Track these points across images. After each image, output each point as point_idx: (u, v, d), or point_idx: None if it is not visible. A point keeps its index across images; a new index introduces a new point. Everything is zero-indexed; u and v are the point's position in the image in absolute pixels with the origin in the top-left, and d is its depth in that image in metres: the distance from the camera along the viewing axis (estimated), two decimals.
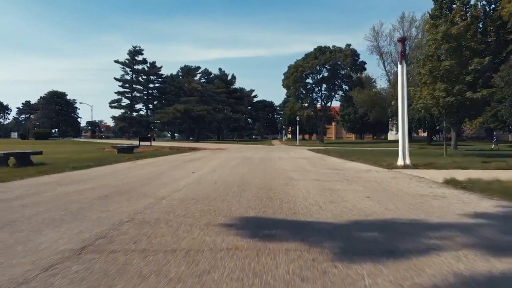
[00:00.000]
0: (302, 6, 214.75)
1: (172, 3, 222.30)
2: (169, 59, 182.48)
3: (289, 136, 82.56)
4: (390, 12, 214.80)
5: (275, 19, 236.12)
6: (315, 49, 51.44)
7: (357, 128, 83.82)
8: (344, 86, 52.19)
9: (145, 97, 73.52)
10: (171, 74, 77.81)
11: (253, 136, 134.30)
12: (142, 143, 27.74)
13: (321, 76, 51.95)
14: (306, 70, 49.83)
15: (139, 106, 73.60)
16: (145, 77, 73.61)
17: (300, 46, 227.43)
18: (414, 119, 38.68)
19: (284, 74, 53.06)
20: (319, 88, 52.85)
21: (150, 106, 75.90)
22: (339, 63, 49.76)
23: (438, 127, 41.65)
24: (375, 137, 76.63)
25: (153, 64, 73.85)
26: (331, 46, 51.77)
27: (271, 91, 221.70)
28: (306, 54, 51.72)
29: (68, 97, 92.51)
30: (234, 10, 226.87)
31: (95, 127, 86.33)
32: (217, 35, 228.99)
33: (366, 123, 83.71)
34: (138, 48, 69.12)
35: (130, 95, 69.29)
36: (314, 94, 53.32)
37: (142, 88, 73.23)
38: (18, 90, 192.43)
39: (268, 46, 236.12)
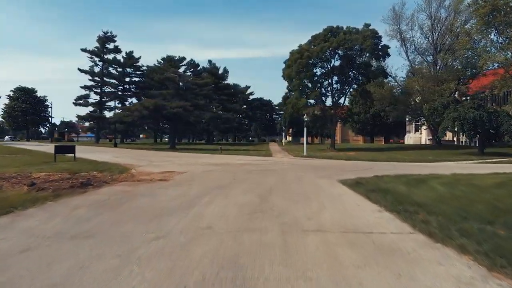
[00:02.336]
0: (303, 5, 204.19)
1: (170, 3, 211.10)
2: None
3: (289, 138, 71.24)
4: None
5: (275, 19, 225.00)
6: (324, 29, 40.31)
7: (367, 129, 72.74)
8: (360, 78, 41.09)
9: (120, 93, 62.17)
10: (153, 65, 66.51)
11: (250, 138, 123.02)
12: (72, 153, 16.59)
13: (331, 64, 40.90)
14: (313, 56, 38.71)
15: (113, 103, 62.30)
16: (120, 69, 62.37)
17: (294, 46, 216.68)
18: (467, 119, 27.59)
19: (284, 62, 41.99)
20: (329, 80, 41.75)
21: (127, 103, 64.61)
22: (356, 47, 38.65)
23: None
24: (391, 140, 65.57)
25: (129, 54, 62.57)
26: (344, 27, 40.71)
27: (270, 91, 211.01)
28: (313, 36, 40.59)
29: (38, 94, 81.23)
30: (234, 10, 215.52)
31: (65, 128, 74.92)
32: (215, 35, 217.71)
33: (379, 124, 73.02)
34: (109, 34, 57.80)
35: (100, 90, 57.94)
36: (322, 88, 42.22)
37: (116, 82, 61.93)
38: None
39: (267, 46, 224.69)
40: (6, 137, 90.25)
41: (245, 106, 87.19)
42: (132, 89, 64.43)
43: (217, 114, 58.29)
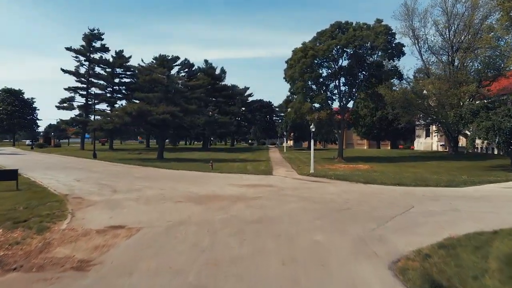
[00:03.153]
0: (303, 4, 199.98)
1: (170, 3, 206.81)
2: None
3: (290, 142, 66.73)
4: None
5: (275, 18, 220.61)
6: (332, 25, 35.84)
7: (374, 134, 68.21)
8: (371, 79, 36.59)
9: (109, 95, 57.71)
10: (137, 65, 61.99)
11: (249, 141, 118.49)
12: None
13: (339, 64, 36.44)
14: (319, 55, 34.27)
15: (102, 106, 57.83)
16: (109, 69, 57.96)
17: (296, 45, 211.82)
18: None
19: (286, 62, 37.54)
20: (337, 81, 37.31)
21: (117, 106, 60.13)
22: (367, 44, 34.21)
23: None
24: (400, 146, 61.07)
25: (119, 53, 58.15)
26: (353, 22, 36.26)
27: (271, 92, 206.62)
28: (319, 33, 36.11)
29: (25, 96, 76.86)
30: (234, 9, 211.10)
31: (51, 132, 70.41)
32: (215, 35, 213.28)
33: (386, 128, 68.55)
34: (96, 31, 53.34)
35: (85, 92, 53.46)
36: (328, 90, 37.76)
37: (104, 83, 57.50)
38: None
39: (267, 46, 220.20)
40: None
41: (244, 109, 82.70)
42: (123, 91, 60.03)
43: (213, 118, 53.81)
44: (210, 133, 54.53)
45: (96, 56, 53.95)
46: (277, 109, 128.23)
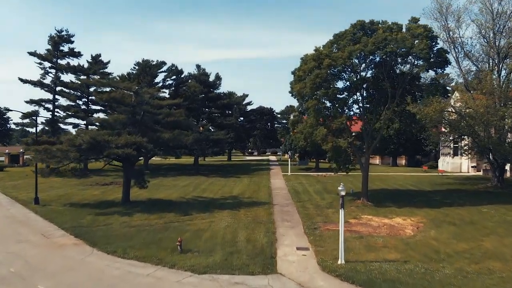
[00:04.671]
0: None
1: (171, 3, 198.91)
2: (169, 60, 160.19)
3: (296, 159, 57.93)
4: (395, 11, 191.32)
5: (275, 18, 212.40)
6: (353, 25, 27.21)
7: (390, 149, 59.50)
8: (404, 95, 27.97)
9: (84, 107, 49.18)
10: (127, 74, 53.66)
11: (249, 150, 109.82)
12: None
13: (361, 75, 27.87)
14: (337, 65, 25.72)
15: (75, 121, 49.30)
16: (84, 77, 49.52)
17: (302, 46, 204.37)
18: None
19: (293, 72, 29.07)
20: (359, 96, 28.78)
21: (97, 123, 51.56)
22: (401, 51, 25.63)
23: None
24: (424, 167, 52.41)
25: (96, 58, 49.74)
26: (380, 21, 27.71)
27: (270, 93, 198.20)
28: (336, 36, 27.51)
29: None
30: (235, 9, 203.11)
31: (20, 149, 61.56)
32: (215, 35, 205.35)
33: (404, 143, 59.98)
34: (64, 34, 44.84)
35: (52, 105, 44.96)
36: (346, 107, 29.22)
37: (77, 93, 49.05)
38: None
39: (266, 47, 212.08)
40: None
41: (242, 118, 74.12)
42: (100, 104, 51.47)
43: (203, 136, 45.23)
44: (200, 152, 45.98)
45: (69, 62, 45.51)
46: (278, 115, 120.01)
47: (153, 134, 24.14)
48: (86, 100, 50.45)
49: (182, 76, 52.71)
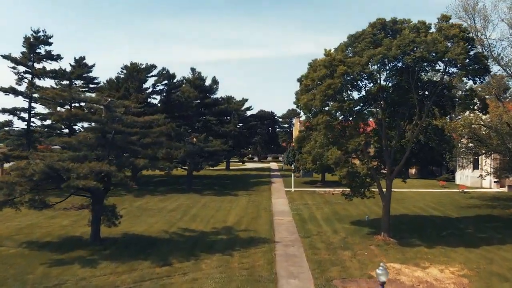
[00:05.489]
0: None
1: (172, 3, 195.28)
2: (169, 61, 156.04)
3: (299, 173, 53.09)
4: (396, 12, 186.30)
5: (276, 18, 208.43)
6: (372, 24, 22.36)
7: (400, 160, 54.49)
8: (432, 108, 23.19)
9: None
10: (115, 78, 49.02)
11: (250, 155, 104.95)
12: None
13: (383, 84, 23.09)
14: (354, 72, 20.98)
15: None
16: (65, 82, 44.94)
17: (303, 46, 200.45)
18: None
19: (299, 80, 24.37)
20: (377, 109, 24.03)
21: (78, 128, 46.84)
22: (433, 55, 20.85)
23: None
24: (442, 182, 47.57)
25: (79, 61, 45.13)
26: (403, 19, 22.93)
27: (270, 94, 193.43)
28: (352, 37, 22.70)
29: None
30: (234, 9, 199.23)
31: None
32: (215, 34, 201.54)
33: (417, 154, 55.09)
34: (42, 35, 40.14)
35: (27, 115, 40.24)
36: (361, 120, 24.34)
37: (58, 101, 44.35)
38: None
39: (265, 47, 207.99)
40: None
41: (241, 125, 69.33)
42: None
43: (197, 148, 40.64)
44: (193, 167, 41.23)
45: (52, 65, 40.93)
46: (280, 119, 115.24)
47: (125, 159, 19.42)
48: (69, 107, 45.77)
49: (175, 80, 47.97)
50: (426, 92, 23.29)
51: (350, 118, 22.93)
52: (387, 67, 22.88)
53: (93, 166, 18.05)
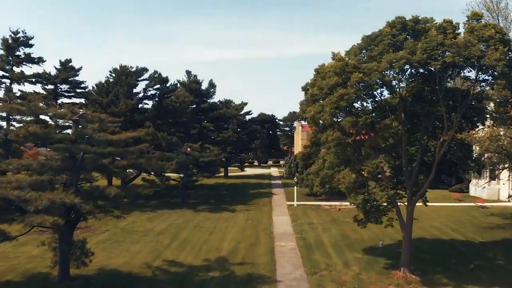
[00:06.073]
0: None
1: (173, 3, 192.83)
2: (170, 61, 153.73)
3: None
4: (397, 12, 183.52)
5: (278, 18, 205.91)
6: (390, 23, 18.91)
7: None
8: (460, 121, 19.86)
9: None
10: (105, 82, 45.73)
11: (250, 159, 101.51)
12: None
13: (402, 93, 19.72)
14: (371, 80, 17.65)
15: None
16: (51, 87, 41.73)
17: (304, 46, 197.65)
18: None
19: (304, 89, 21.05)
20: (397, 121, 20.67)
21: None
22: (463, 59, 17.50)
23: None
24: (457, 195, 44.16)
25: (64, 64, 41.88)
26: (426, 18, 19.58)
27: (271, 95, 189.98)
28: (367, 38, 19.32)
29: None
30: (234, 8, 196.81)
31: None
32: (216, 34, 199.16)
33: (429, 164, 51.73)
34: (21, 36, 36.83)
35: (6, 123, 36.90)
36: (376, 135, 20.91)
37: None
38: None
39: (267, 46, 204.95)
40: None
41: (240, 130, 65.90)
42: None
43: (191, 158, 37.35)
44: (186, 180, 37.85)
45: (30, 69, 37.72)
46: (281, 122, 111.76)
47: (94, 189, 16.13)
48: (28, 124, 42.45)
49: (168, 84, 44.61)
50: (450, 102, 20.04)
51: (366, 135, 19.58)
52: (407, 73, 19.60)
53: (54, 197, 14.70)
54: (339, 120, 18.56)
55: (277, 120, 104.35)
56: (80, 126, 17.64)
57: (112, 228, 28.39)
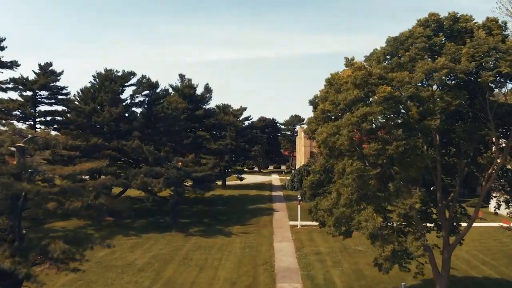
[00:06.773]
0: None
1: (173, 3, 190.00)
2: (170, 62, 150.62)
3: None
4: (397, 12, 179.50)
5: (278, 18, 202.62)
6: (422, 22, 14.99)
7: (427, 180, 47.11)
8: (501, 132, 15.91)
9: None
10: (90, 87, 41.75)
11: (250, 165, 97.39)
12: None
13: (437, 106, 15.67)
14: (402, 95, 13.63)
15: None
16: (29, 93, 37.87)
17: (304, 46, 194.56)
18: None
19: (312, 103, 17.11)
20: (426, 143, 16.66)
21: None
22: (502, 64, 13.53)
23: None
24: (480, 213, 40.08)
25: (44, 68, 37.94)
26: (467, 15, 15.55)
27: (271, 95, 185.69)
28: (393, 40, 15.30)
29: None
30: (233, 8, 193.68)
31: None
32: (215, 34, 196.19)
33: (452, 176, 47.61)
34: None
35: None
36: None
37: (17, 113, 37.43)
38: None
39: (265, 47, 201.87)
40: None
41: (238, 136, 61.81)
42: (56, 124, 39.60)
43: (182, 174, 33.35)
44: (176, 198, 33.70)
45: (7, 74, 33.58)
46: (282, 126, 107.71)
47: (36, 242, 12.11)
48: (32, 123, 38.68)
49: (158, 90, 40.52)
50: (498, 120, 16.00)
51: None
52: (443, 84, 15.53)
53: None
54: (359, 145, 14.51)
55: (278, 124, 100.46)
56: (26, 156, 13.58)
57: (88, 260, 24.25)
